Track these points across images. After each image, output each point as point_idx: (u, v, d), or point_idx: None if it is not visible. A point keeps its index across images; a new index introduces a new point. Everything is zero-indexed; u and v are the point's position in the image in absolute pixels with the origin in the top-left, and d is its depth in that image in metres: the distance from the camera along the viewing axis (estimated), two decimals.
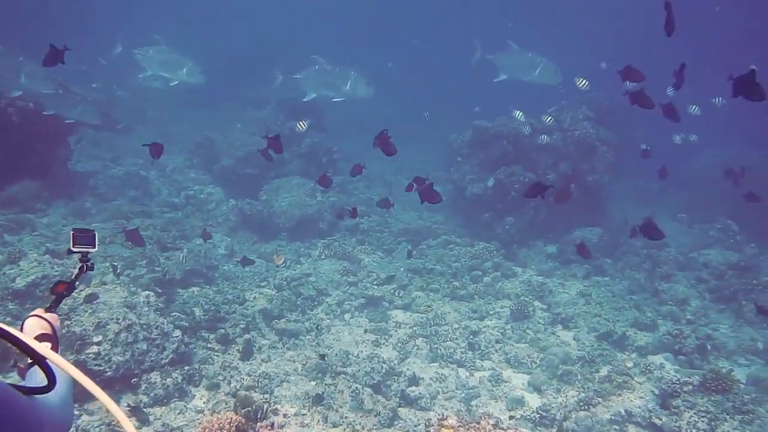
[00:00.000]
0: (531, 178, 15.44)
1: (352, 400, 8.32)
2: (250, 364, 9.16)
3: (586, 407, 8.21)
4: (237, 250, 13.60)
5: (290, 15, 39.58)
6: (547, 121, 14.03)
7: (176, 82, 14.24)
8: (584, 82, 11.56)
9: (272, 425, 6.77)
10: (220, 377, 8.61)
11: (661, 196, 20.48)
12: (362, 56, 28.00)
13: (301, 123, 13.22)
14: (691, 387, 8.50)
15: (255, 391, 8.23)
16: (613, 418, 8.05)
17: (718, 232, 16.30)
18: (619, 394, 8.49)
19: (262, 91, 19.88)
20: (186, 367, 8.45)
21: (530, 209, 15.44)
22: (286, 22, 38.96)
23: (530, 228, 15.53)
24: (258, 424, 6.66)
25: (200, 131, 19.20)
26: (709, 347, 10.88)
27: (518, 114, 13.77)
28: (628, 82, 8.26)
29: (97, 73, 21.08)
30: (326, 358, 9.13)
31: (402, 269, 13.17)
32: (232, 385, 8.43)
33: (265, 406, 7.60)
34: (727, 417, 8.10)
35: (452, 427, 5.97)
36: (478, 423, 5.99)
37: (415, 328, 10.89)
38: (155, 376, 8.00)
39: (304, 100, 15.01)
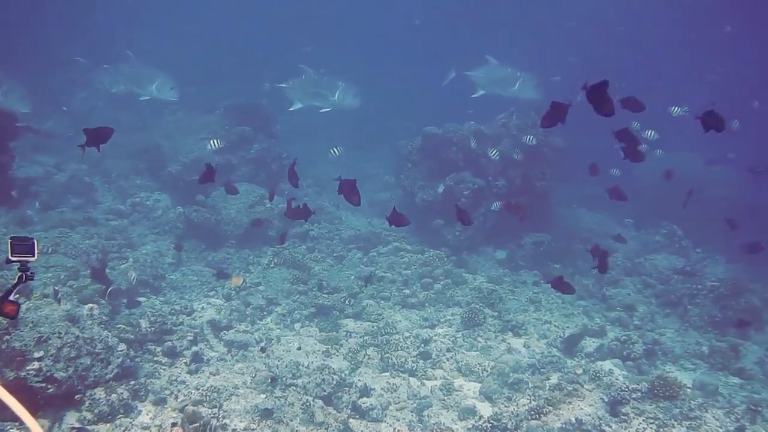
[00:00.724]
0: (480, 185, 15.51)
1: (302, 413, 8.20)
2: (198, 377, 8.97)
3: (537, 416, 8.22)
4: (185, 259, 13.36)
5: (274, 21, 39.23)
6: (493, 155, 13.99)
7: (147, 98, 14.07)
8: None
9: None
10: (167, 392, 8.40)
11: (609, 200, 20.72)
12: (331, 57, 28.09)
13: (213, 142, 13.15)
14: (639, 394, 8.59)
15: (203, 406, 8.07)
16: (563, 426, 8.07)
17: (664, 237, 16.61)
18: (570, 402, 8.53)
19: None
20: (132, 382, 8.23)
21: (480, 215, 15.49)
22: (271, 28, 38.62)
23: (480, 234, 15.59)
24: None
25: (149, 137, 18.84)
26: (657, 352, 11.06)
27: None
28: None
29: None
30: (277, 380, 8.96)
31: (353, 277, 13.09)
32: (179, 400, 8.23)
33: (213, 422, 7.47)
34: (675, 423, 8.22)
35: None
36: None
37: (366, 338, 10.81)
38: (99, 392, 7.76)
39: (291, 109, 14.99)
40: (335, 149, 12.25)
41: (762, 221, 17.36)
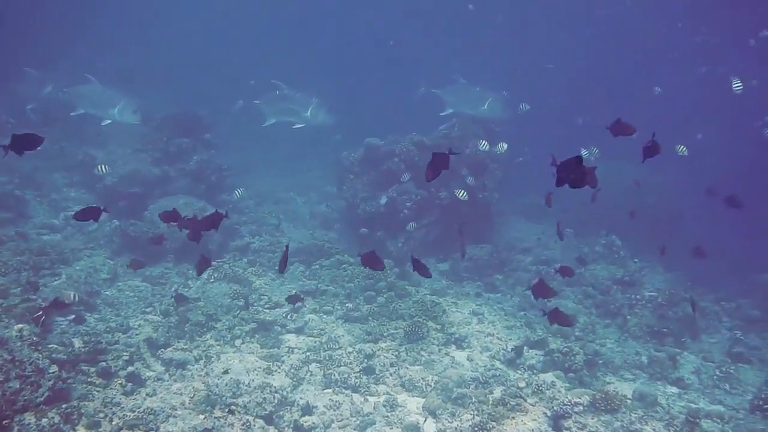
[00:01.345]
0: (423, 196, 15.50)
1: None
2: (134, 398, 8.67)
3: None
4: (120, 274, 12.98)
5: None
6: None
7: (108, 122, 13.74)
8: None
9: None
10: (101, 414, 8.08)
11: (549, 211, 20.95)
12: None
13: (101, 167, 12.92)
14: (581, 407, 8.62)
15: (138, 429, 7.80)
16: None
17: (603, 247, 16.80)
18: (513, 417, 8.49)
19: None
20: (63, 405, 7.89)
21: (422, 227, 15.48)
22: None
23: (423, 246, 15.58)
24: None
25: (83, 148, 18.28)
26: (598, 363, 11.14)
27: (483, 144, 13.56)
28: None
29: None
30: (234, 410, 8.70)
31: (294, 290, 12.88)
32: (114, 423, 7.93)
33: None
34: None
35: None
36: None
37: (308, 353, 10.64)
38: (29, 417, 7.42)
39: (264, 125, 14.88)
40: (238, 191, 13.06)
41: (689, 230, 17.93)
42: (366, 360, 10.50)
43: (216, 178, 17.29)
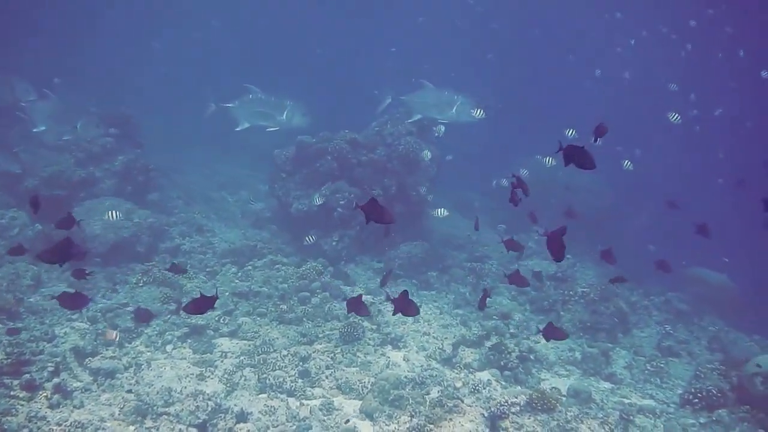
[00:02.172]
0: (357, 193, 15.40)
1: None
2: (61, 411, 8.34)
3: None
4: (45, 280, 12.52)
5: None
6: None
7: (67, 137, 13.38)
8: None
9: None
10: (26, 430, 7.75)
11: (483, 206, 21.19)
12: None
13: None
14: (518, 408, 8.67)
15: None
16: None
17: (535, 243, 16.98)
18: (450, 419, 8.48)
19: None
20: None
21: (356, 225, 15.39)
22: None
23: (357, 244, 15.50)
24: None
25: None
26: (533, 360, 11.24)
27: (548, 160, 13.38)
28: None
29: None
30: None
31: (227, 293, 12.64)
32: None
33: None
34: None
35: None
36: None
37: (242, 358, 10.44)
38: None
39: (237, 129, 14.53)
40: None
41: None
42: (301, 363, 10.36)
43: (143, 178, 16.83)
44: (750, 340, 14.37)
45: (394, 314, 7.43)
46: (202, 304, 7.13)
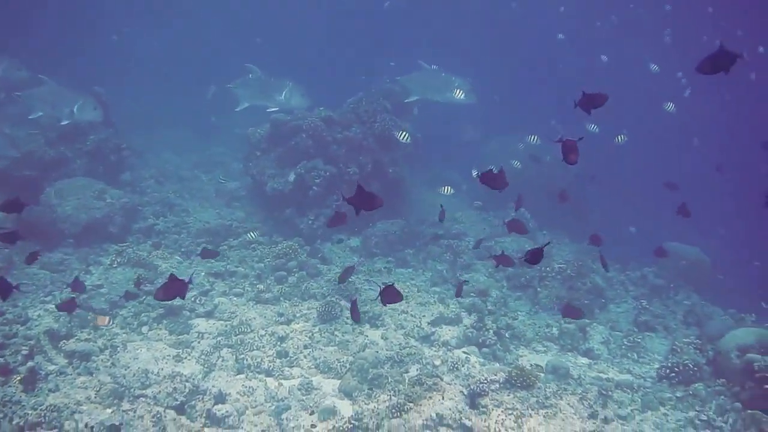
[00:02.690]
0: (332, 172, 15.29)
1: (153, 427, 7.72)
2: (36, 395, 8.22)
3: (399, 414, 8.10)
4: (17, 261, 12.30)
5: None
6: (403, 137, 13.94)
7: (66, 122, 13.15)
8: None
9: None
10: (0, 415, 7.65)
11: (459, 182, 21.15)
12: None
13: None
14: (497, 385, 8.69)
15: (41, 428, 7.40)
16: (425, 423, 8.00)
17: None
18: (430, 397, 8.47)
19: None
20: None
21: (332, 203, 15.29)
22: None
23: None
24: None
25: None
26: (511, 337, 11.28)
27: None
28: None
29: None
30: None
31: (203, 273, 12.53)
32: (14, 423, 7.50)
33: None
34: (532, 413, 8.36)
35: None
36: None
37: (219, 338, 10.36)
38: None
39: (237, 110, 14.53)
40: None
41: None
42: (279, 343, 10.33)
43: (116, 158, 16.59)
44: (725, 313, 14.52)
45: (384, 305, 7.31)
46: (174, 289, 6.93)
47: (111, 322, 10.25)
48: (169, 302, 10.88)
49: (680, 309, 14.34)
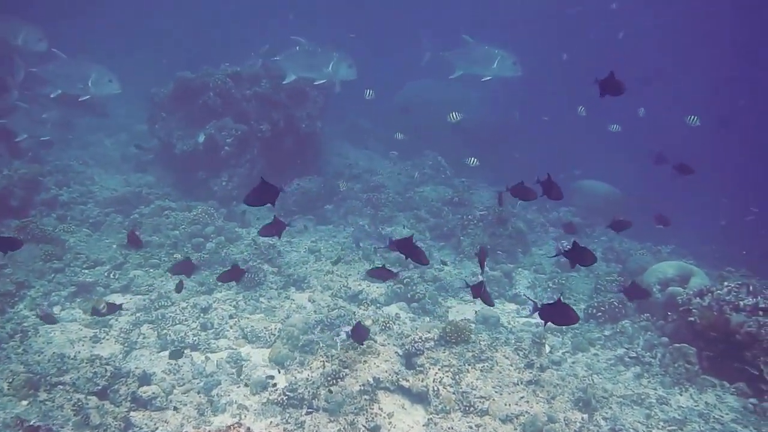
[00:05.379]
0: (243, 130, 14.74)
1: (75, 416, 7.25)
2: None
3: (335, 381, 7.87)
4: None
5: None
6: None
7: (87, 96, 12.57)
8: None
9: None
10: None
11: (372, 133, 20.87)
12: None
13: None
14: (432, 343, 8.55)
15: None
16: (362, 388, 7.80)
17: (429, 168, 16.86)
18: (365, 361, 8.25)
19: None
20: None
21: (245, 162, 14.79)
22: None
23: (248, 182, 14.91)
24: None
25: None
26: (439, 289, 11.16)
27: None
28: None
29: None
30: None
31: (114, 246, 11.91)
32: None
33: None
34: (469, 368, 8.27)
35: None
36: None
37: (138, 314, 9.85)
38: None
39: (284, 82, 13.95)
40: None
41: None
42: (202, 314, 9.91)
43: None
44: (642, 248, 14.82)
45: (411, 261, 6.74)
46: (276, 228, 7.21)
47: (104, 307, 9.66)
48: (81, 279, 10.36)
49: (599, 246, 14.57)
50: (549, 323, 5.98)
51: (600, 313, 10.56)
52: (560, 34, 30.57)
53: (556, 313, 6.04)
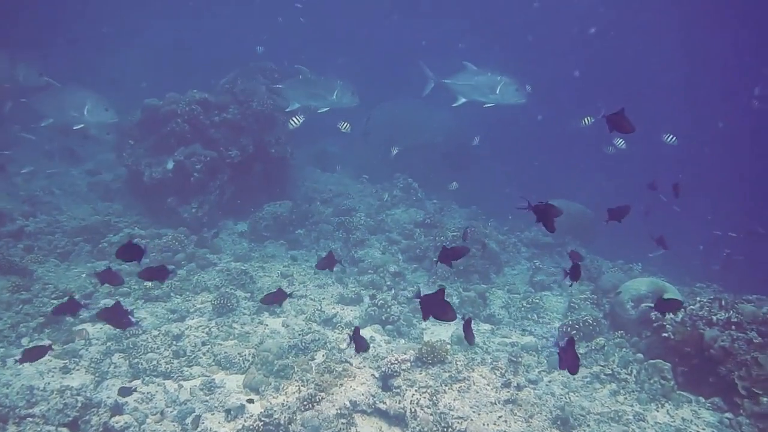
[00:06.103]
0: (213, 156, 14.68)
1: None
2: None
3: (311, 405, 7.78)
4: None
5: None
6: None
7: (81, 126, 12.35)
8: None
9: None
10: None
11: (343, 156, 20.90)
12: None
13: None
14: (408, 364, 8.50)
15: None
16: (339, 412, 7.72)
17: (400, 191, 16.89)
18: (341, 384, 8.18)
19: None
20: None
21: (215, 188, 14.71)
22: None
23: (218, 208, 14.84)
24: None
25: None
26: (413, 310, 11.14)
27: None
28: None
29: None
30: None
31: (84, 275, 11.73)
32: None
33: None
34: (446, 389, 8.22)
35: None
36: None
37: (108, 343, 9.67)
38: None
39: (287, 110, 13.85)
40: None
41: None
42: (174, 342, 9.75)
43: None
44: (613, 265, 14.93)
45: (425, 319, 6.34)
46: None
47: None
48: (49, 309, 10.15)
49: (570, 265, 14.64)
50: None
51: (575, 332, 10.59)
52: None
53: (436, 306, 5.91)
